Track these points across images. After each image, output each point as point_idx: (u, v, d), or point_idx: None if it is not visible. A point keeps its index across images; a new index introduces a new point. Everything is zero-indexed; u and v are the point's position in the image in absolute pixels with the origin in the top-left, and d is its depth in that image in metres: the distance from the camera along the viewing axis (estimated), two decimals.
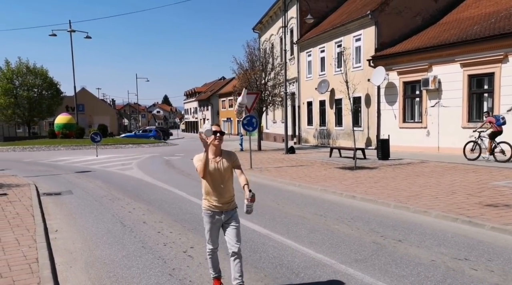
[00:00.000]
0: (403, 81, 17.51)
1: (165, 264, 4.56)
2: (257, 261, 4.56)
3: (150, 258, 4.76)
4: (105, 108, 59.05)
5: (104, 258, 4.81)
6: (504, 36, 13.34)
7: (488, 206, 6.65)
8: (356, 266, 4.29)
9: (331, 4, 26.68)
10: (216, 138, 3.38)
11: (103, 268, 4.50)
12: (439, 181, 9.38)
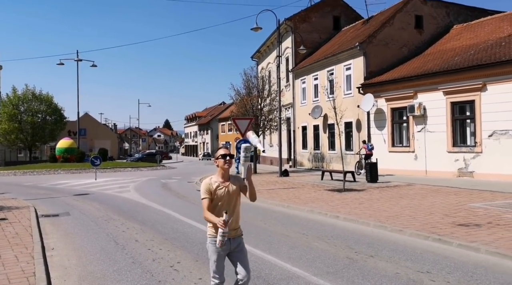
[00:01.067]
0: (391, 107, 18.17)
1: (152, 277, 4.90)
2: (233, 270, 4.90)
3: (139, 272, 5.10)
4: (107, 132, 59.77)
5: (97, 273, 5.15)
6: (482, 67, 14.10)
7: (460, 226, 7.02)
8: (326, 278, 4.64)
9: (324, 35, 27.90)
10: (226, 161, 3.24)
11: (95, 281, 4.83)
12: (420, 202, 9.75)
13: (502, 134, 13.81)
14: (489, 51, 14.99)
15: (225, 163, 3.25)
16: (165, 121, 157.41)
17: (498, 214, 7.86)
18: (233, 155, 3.46)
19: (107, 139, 55.16)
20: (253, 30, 19.46)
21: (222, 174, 3.30)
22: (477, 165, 14.58)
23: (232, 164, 3.33)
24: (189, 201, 12.02)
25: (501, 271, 4.83)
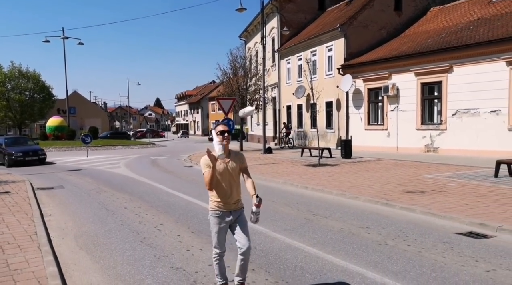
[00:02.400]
0: (367, 87, 18.94)
1: (138, 235, 5.73)
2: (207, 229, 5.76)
3: (127, 232, 5.92)
4: (97, 111, 59.49)
5: (90, 232, 5.95)
6: (449, 49, 14.86)
7: (408, 193, 7.98)
8: (283, 233, 5.53)
9: (309, 16, 28.12)
10: (224, 138, 3.25)
11: (89, 238, 5.64)
12: (382, 174, 10.71)
13: (465, 113, 14.76)
14: (458, 34, 15.71)
15: (223, 140, 3.24)
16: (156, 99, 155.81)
17: (443, 183, 8.84)
18: (231, 131, 3.51)
19: (97, 118, 55.03)
20: (238, 10, 19.76)
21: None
22: (442, 141, 15.61)
23: (230, 140, 3.30)
24: (176, 176, 12.81)
25: (428, 226, 5.78)
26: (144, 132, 52.89)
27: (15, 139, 19.43)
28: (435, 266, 4.19)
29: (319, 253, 4.67)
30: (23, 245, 5.08)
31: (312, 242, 5.11)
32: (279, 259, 4.50)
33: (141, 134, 51.06)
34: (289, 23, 27.34)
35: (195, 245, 5.16)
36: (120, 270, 4.35)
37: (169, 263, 4.50)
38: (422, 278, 3.86)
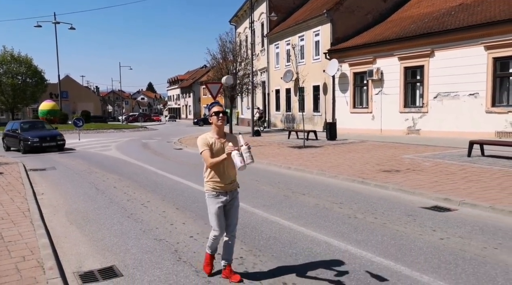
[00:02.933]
0: (353, 72, 19.11)
1: (126, 211, 5.96)
2: (191, 205, 6.02)
3: (115, 208, 6.14)
4: (89, 95, 58.75)
5: (80, 209, 6.16)
6: (431, 34, 15.03)
7: (384, 172, 8.31)
8: (262, 209, 5.81)
9: (298, 1, 27.89)
10: (219, 118, 3.23)
11: (79, 214, 5.86)
12: (362, 155, 11.04)
13: (445, 96, 15.09)
14: (439, 20, 15.86)
15: (218, 120, 3.22)
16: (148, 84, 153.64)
17: (419, 163, 9.20)
18: (227, 112, 3.80)
19: (89, 102, 54.42)
20: None
21: (217, 131, 3.28)
22: (423, 124, 15.98)
23: (225, 121, 3.29)
24: (165, 158, 12.99)
25: (398, 202, 6.12)
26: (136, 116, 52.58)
27: (32, 123, 17.61)
28: (395, 235, 4.52)
29: (292, 225, 4.97)
30: (16, 221, 5.28)
31: (288, 216, 5.41)
32: (255, 231, 4.79)
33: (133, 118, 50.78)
34: (277, 8, 27.07)
35: (179, 219, 5.42)
36: (108, 241, 4.60)
37: (153, 236, 4.76)
38: (382, 245, 4.18)
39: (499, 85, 13.48)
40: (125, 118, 51.26)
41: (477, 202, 5.57)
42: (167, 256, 4.08)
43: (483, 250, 3.97)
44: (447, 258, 3.78)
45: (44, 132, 16.11)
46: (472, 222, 4.94)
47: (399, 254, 3.93)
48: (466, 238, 4.36)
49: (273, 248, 4.21)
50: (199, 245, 4.38)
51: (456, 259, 3.76)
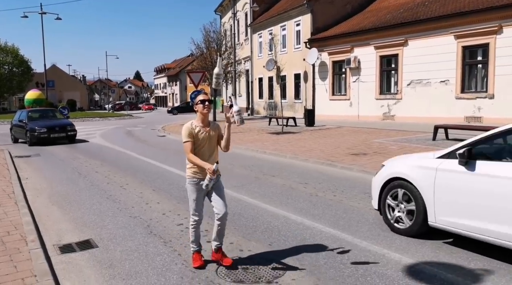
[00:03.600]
0: (332, 60, 19.42)
1: (105, 193, 6.23)
2: (167, 187, 6.32)
3: (95, 190, 6.40)
4: (75, 84, 57.68)
5: (62, 192, 6.40)
6: (404, 24, 15.40)
7: (352, 155, 8.74)
8: (232, 189, 6.15)
9: None
10: (205, 106, 3.20)
11: (61, 196, 6.10)
12: (336, 140, 11.47)
13: (418, 83, 15.58)
14: (413, 10, 16.21)
15: (204, 108, 3.20)
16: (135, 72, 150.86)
17: (386, 147, 9.67)
18: (212, 100, 3.45)
19: (76, 91, 53.45)
20: None
21: (202, 119, 3.25)
22: (398, 110, 16.50)
23: (211, 109, 3.25)
24: (148, 144, 13.18)
25: (359, 182, 6.53)
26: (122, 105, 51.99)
27: (41, 112, 15.86)
28: (348, 210, 4.94)
29: (257, 203, 5.34)
30: (1, 202, 5.51)
31: (255, 195, 5.78)
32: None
33: (120, 107, 50.22)
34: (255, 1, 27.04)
35: (154, 199, 5.73)
36: (86, 219, 4.88)
37: (128, 214, 5.06)
38: (334, 218, 4.59)
39: (468, 73, 14.01)
40: (111, 106, 50.64)
41: None
42: (139, 230, 4.40)
43: None
44: (387, 227, 4.21)
45: (53, 121, 14.38)
46: None
47: (347, 225, 4.34)
48: None
49: (237, 222, 4.57)
50: (169, 221, 4.71)
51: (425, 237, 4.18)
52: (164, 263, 3.52)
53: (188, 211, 3.48)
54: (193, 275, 3.25)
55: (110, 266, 3.49)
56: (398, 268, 3.25)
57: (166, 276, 3.25)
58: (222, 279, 3.17)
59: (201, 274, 3.27)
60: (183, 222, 4.62)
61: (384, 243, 3.79)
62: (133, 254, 3.73)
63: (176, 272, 3.33)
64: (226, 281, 3.14)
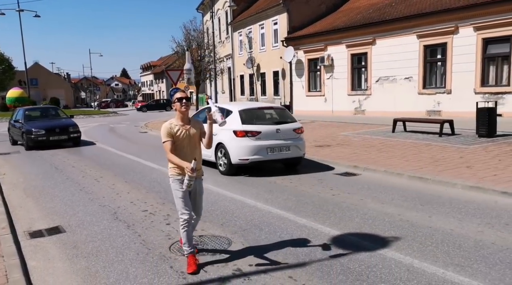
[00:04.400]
0: (307, 58, 19.83)
1: (79, 185, 6.44)
2: (139, 179, 6.58)
3: (70, 183, 6.61)
4: (60, 82, 56.54)
5: (38, 186, 6.58)
6: (372, 24, 15.90)
7: (317, 146, 9.16)
8: None
9: None
10: (183, 104, 3.07)
11: (36, 190, 6.28)
12: (306, 134, 11.57)
13: (385, 80, 16.16)
14: (381, 10, 16.73)
15: (181, 106, 3.07)
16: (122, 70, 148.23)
17: (350, 139, 10.13)
18: (190, 98, 3.31)
19: (60, 89, 52.41)
20: None
21: (181, 118, 3.12)
22: (368, 105, 17.06)
23: (190, 107, 3.12)
24: (129, 140, 13.31)
25: (317, 170, 6.94)
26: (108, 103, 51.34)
27: (41, 110, 13.87)
28: (300, 194, 5.33)
29: (218, 190, 5.69)
30: None
31: (218, 184, 6.11)
32: None
33: (105, 104, 49.55)
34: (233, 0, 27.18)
35: (125, 190, 5.99)
36: (58, 209, 5.12)
37: (98, 203, 5.32)
38: (287, 202, 4.97)
39: (429, 70, 14.63)
40: (97, 104, 49.94)
41: (376, 167, 6.50)
42: (106, 217, 4.67)
43: (359, 201, 4.85)
44: (329, 207, 4.62)
45: (53, 122, 12.26)
46: (367, 182, 5.85)
47: (294, 207, 4.73)
48: (353, 193, 5.24)
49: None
50: (136, 208, 5.00)
51: (334, 208, 4.61)
52: (124, 243, 3.82)
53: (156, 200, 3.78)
54: (148, 252, 3.57)
55: (75, 247, 3.76)
56: (325, 239, 3.65)
57: (124, 253, 3.56)
58: (173, 253, 3.50)
59: (155, 250, 3.59)
60: (148, 209, 4.92)
61: (321, 220, 4.19)
62: (97, 237, 4.01)
63: (133, 249, 3.63)
64: (177, 255, 3.47)
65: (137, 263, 3.35)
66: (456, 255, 3.18)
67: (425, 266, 3.03)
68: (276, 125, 6.78)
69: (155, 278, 3.07)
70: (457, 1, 13.12)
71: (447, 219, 4.06)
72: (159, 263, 3.32)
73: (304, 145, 7.07)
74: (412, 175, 5.83)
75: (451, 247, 3.33)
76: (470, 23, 12.51)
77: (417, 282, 2.81)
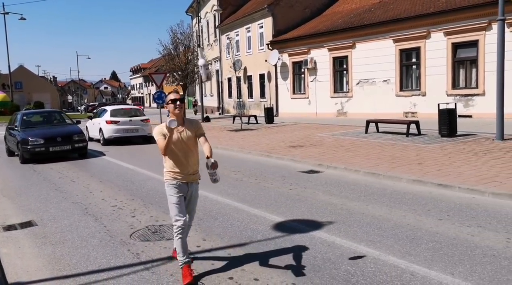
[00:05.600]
0: (292, 61, 20.48)
1: (55, 185, 6.87)
2: (114, 179, 7.03)
3: (46, 184, 7.04)
4: (45, 85, 56.48)
5: (15, 186, 6.99)
6: (352, 29, 16.61)
7: (291, 147, 9.70)
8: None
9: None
10: (176, 106, 2.99)
11: (13, 190, 6.70)
12: (285, 135, 12.43)
13: (365, 82, 16.84)
14: (361, 16, 17.46)
15: (175, 108, 2.99)
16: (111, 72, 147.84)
17: (323, 139, 10.70)
18: (184, 99, 3.25)
19: (45, 92, 52.38)
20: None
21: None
22: (349, 107, 17.71)
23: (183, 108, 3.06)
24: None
25: (284, 168, 7.47)
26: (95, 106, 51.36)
27: (42, 115, 12.27)
28: (260, 189, 5.84)
29: None
30: None
31: None
32: (158, 192, 5.93)
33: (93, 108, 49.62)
34: (228, 1, 27.80)
35: (98, 189, 6.45)
36: (32, 206, 5.55)
37: (71, 200, 5.77)
38: (249, 196, 5.48)
39: (405, 73, 15.34)
40: (83, 108, 50.01)
41: (337, 165, 7.06)
42: (77, 212, 5.13)
43: (311, 194, 5.39)
44: (282, 200, 5.15)
45: (54, 129, 10.67)
46: (325, 179, 6.39)
47: (251, 200, 5.25)
48: (308, 188, 5.78)
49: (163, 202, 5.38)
50: (106, 204, 5.46)
51: (287, 200, 5.15)
52: (89, 233, 4.29)
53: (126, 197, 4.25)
54: (110, 239, 4.05)
55: (44, 237, 4.22)
56: (269, 225, 4.18)
57: (88, 241, 4.03)
58: (133, 240, 3.99)
59: (117, 238, 4.07)
60: (117, 204, 5.39)
61: (271, 210, 4.72)
62: (66, 229, 4.48)
63: (97, 238, 4.11)
64: (135, 241, 3.95)
65: (99, 248, 3.82)
66: (373, 234, 3.75)
67: (344, 242, 3.59)
68: (130, 118, 13.06)
69: (112, 259, 3.55)
70: (429, 8, 13.87)
71: (380, 207, 4.62)
72: (118, 248, 3.80)
73: (148, 129, 12.69)
74: (367, 171, 6.39)
75: (372, 228, 3.90)
76: (440, 29, 13.25)
77: (332, 254, 3.39)
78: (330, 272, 3.04)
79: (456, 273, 2.89)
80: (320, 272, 3.05)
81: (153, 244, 3.87)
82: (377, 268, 3.05)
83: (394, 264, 3.09)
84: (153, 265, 3.38)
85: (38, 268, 3.45)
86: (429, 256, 3.19)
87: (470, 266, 2.98)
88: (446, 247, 3.36)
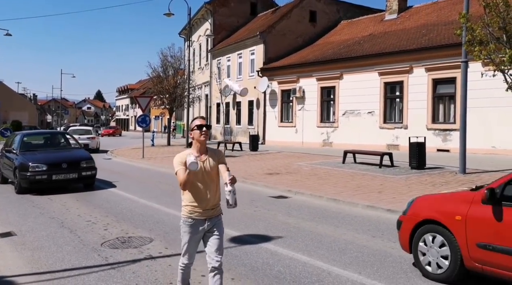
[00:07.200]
0: (281, 89, 21.94)
1: (33, 203, 7.74)
2: (91, 198, 7.91)
3: (24, 201, 7.90)
4: (24, 103, 57.56)
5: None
6: (340, 60, 18.18)
7: (268, 174, 10.70)
8: (146, 199, 7.83)
9: (242, 20, 30.75)
10: (202, 132, 2.99)
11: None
12: (266, 163, 13.45)
13: (351, 113, 18.17)
14: (350, 47, 19.14)
15: (201, 135, 3.00)
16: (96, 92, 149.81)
17: (301, 168, 11.73)
18: (211, 126, 4.15)
19: (24, 111, 53.40)
20: (166, 15, 21.57)
21: (198, 148, 3.05)
22: (335, 137, 18.93)
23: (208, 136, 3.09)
24: None
25: (256, 193, 8.42)
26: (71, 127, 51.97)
27: (44, 136, 11.38)
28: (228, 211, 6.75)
29: (157, 206, 7.10)
30: None
31: (161, 202, 7.53)
32: (132, 212, 6.83)
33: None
34: (222, 25, 29.79)
35: (74, 206, 7.33)
36: (11, 220, 6.41)
37: (49, 216, 6.64)
38: None
39: (389, 105, 16.73)
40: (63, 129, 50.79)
41: (305, 191, 8.05)
42: (54, 225, 6.00)
43: (271, 215, 6.35)
44: (243, 219, 6.10)
45: (60, 153, 9.76)
46: (290, 203, 7.36)
47: None
48: (271, 210, 6.73)
49: (134, 219, 6.29)
50: (81, 219, 6.34)
51: (248, 220, 6.09)
52: (65, 241, 5.17)
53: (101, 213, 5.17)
54: (83, 246, 4.93)
55: (23, 244, 5.09)
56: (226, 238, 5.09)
57: (63, 247, 4.91)
58: (104, 248, 4.87)
59: (89, 246, 4.95)
60: (91, 219, 6.28)
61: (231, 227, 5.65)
62: (43, 238, 5.35)
63: (71, 245, 4.99)
64: (106, 248, 4.84)
65: (72, 253, 4.70)
66: (312, 246, 4.74)
67: (285, 251, 4.56)
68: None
69: (84, 261, 4.43)
70: (412, 44, 15.49)
71: (328, 227, 5.59)
72: (90, 253, 4.69)
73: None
74: (330, 198, 7.39)
75: (313, 242, 4.87)
76: (422, 65, 14.78)
77: (271, 259, 4.36)
78: (265, 271, 3.98)
79: (363, 272, 3.85)
80: (257, 271, 3.98)
81: (121, 251, 4.75)
82: (303, 269, 4.00)
83: (318, 266, 4.05)
84: (119, 265, 4.27)
85: (18, 266, 4.31)
86: (349, 261, 4.15)
87: (377, 268, 3.94)
88: (366, 255, 4.33)
